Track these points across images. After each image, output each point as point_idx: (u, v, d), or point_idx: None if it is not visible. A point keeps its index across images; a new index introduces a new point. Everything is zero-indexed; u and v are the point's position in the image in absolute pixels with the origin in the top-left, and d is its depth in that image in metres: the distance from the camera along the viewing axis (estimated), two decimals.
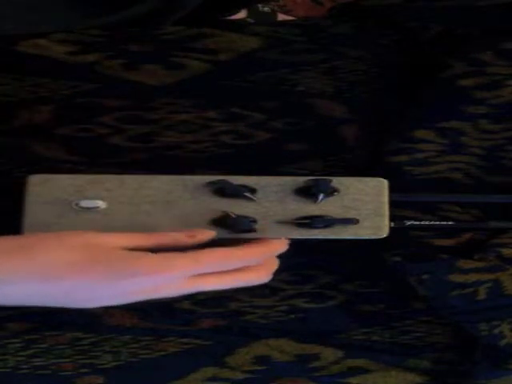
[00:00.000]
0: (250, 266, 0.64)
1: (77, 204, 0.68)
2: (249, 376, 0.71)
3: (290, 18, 1.29)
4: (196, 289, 0.62)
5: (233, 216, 0.68)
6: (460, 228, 0.72)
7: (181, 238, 0.63)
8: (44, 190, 0.68)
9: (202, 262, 0.61)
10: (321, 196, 0.69)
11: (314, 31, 0.79)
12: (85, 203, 0.68)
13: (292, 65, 0.76)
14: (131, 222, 0.68)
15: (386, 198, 0.70)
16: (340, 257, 0.72)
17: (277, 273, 0.71)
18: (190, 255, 0.61)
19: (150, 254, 0.61)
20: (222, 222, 0.68)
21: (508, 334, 0.70)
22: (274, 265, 0.66)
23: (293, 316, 0.72)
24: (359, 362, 0.72)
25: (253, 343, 0.72)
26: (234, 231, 0.67)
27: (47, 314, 0.70)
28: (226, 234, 0.68)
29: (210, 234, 0.65)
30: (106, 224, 0.68)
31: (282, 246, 0.66)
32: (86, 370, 0.71)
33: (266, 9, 1.27)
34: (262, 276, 0.65)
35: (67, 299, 0.60)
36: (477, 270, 0.69)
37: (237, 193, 0.69)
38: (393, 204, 0.70)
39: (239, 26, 0.79)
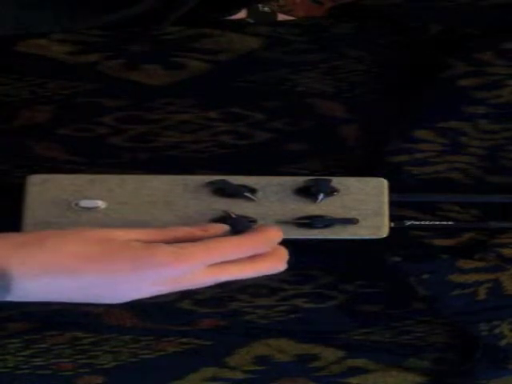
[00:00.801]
0: (264, 255, 0.63)
1: (77, 204, 0.68)
2: (249, 376, 0.71)
3: (290, 17, 1.29)
4: (218, 279, 0.62)
5: (233, 216, 0.68)
6: (460, 228, 0.72)
7: (193, 231, 0.63)
8: (44, 189, 0.68)
9: (215, 249, 0.61)
10: (321, 196, 0.69)
11: (314, 31, 0.79)
12: (85, 203, 0.68)
13: (292, 65, 0.76)
14: (131, 221, 0.68)
15: (386, 198, 0.70)
16: (340, 257, 0.72)
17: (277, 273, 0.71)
18: (203, 243, 0.61)
19: (165, 245, 0.60)
20: (221, 222, 0.68)
21: (508, 333, 0.70)
22: (284, 253, 0.65)
23: (293, 316, 0.72)
24: (359, 362, 0.72)
25: (253, 343, 0.72)
26: (233, 231, 0.67)
27: (47, 313, 0.70)
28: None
29: (222, 228, 0.65)
30: (105, 224, 0.68)
31: (279, 234, 0.65)
32: (85, 370, 0.71)
33: (266, 9, 1.27)
34: (278, 263, 0.64)
35: (87, 294, 0.60)
36: (477, 270, 0.69)
37: (237, 193, 0.69)
38: (393, 204, 0.70)
39: (239, 26, 0.79)
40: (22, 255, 0.57)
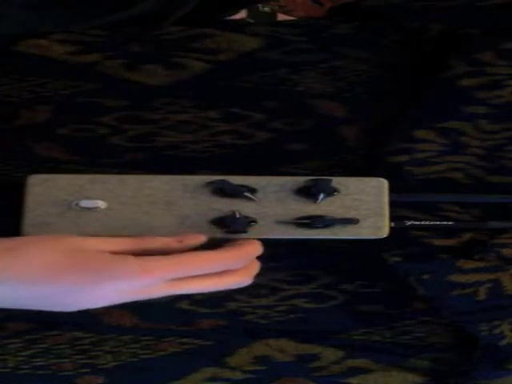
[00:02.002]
0: (232, 269, 0.64)
1: (77, 204, 0.68)
2: (249, 376, 0.71)
3: (290, 18, 1.29)
4: (176, 292, 0.62)
5: (237, 216, 0.68)
6: (460, 228, 0.71)
7: (169, 243, 0.63)
8: (44, 189, 0.68)
9: (184, 266, 0.61)
10: (321, 196, 0.69)
11: (314, 31, 0.79)
12: (85, 203, 0.68)
13: (292, 65, 0.76)
14: (131, 221, 0.68)
15: (386, 198, 0.70)
16: (340, 257, 0.72)
17: (277, 273, 0.71)
18: (172, 259, 0.61)
19: (131, 257, 0.60)
20: (221, 222, 0.68)
21: (508, 334, 0.70)
22: (256, 267, 0.65)
23: (293, 316, 0.72)
24: (359, 362, 0.72)
25: (253, 343, 0.72)
26: (233, 231, 0.67)
27: (47, 313, 0.69)
28: (225, 235, 0.68)
29: (199, 239, 0.64)
30: (106, 224, 0.68)
31: (258, 248, 0.65)
32: (86, 370, 0.71)
33: (266, 9, 1.27)
34: (243, 279, 0.64)
35: (48, 302, 0.60)
36: (477, 270, 0.69)
37: (237, 193, 0.69)
38: (393, 204, 0.70)
39: (239, 26, 0.79)
40: None
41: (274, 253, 0.71)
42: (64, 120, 0.74)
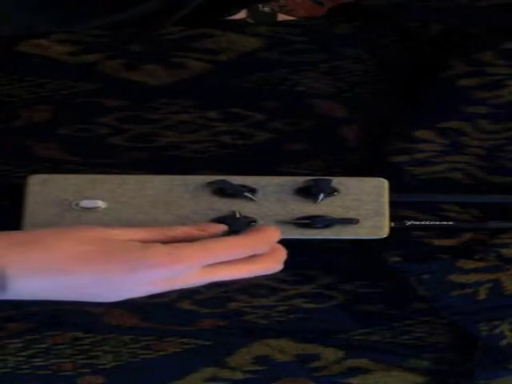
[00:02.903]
0: (261, 256, 0.63)
1: (77, 204, 0.68)
2: (249, 376, 0.71)
3: (290, 18, 1.29)
4: (212, 279, 0.62)
5: (237, 216, 0.68)
6: (460, 228, 0.71)
7: (191, 231, 0.63)
8: (44, 189, 0.68)
9: (214, 251, 0.61)
10: (321, 196, 0.69)
11: (314, 31, 0.79)
12: (85, 203, 0.68)
13: (292, 65, 0.76)
14: (131, 221, 0.68)
15: (386, 198, 0.70)
16: (340, 257, 0.72)
17: (277, 273, 0.71)
18: (199, 244, 0.61)
19: (162, 245, 0.60)
20: (221, 222, 0.68)
21: (508, 334, 0.70)
22: (282, 253, 0.65)
23: (293, 316, 0.72)
24: (359, 362, 0.72)
25: (253, 343, 0.71)
26: (233, 231, 0.67)
27: (47, 313, 0.70)
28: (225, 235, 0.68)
29: (220, 228, 0.65)
30: (106, 224, 0.68)
31: (277, 232, 0.65)
32: (86, 370, 0.71)
33: (266, 9, 1.27)
34: (274, 264, 0.64)
35: (83, 293, 0.60)
36: (477, 270, 0.69)
37: (237, 193, 0.69)
38: (393, 204, 0.70)
39: (239, 26, 0.79)
40: (18, 254, 0.57)
41: None
42: (64, 120, 0.74)
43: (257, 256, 0.63)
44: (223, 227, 0.65)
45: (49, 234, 0.60)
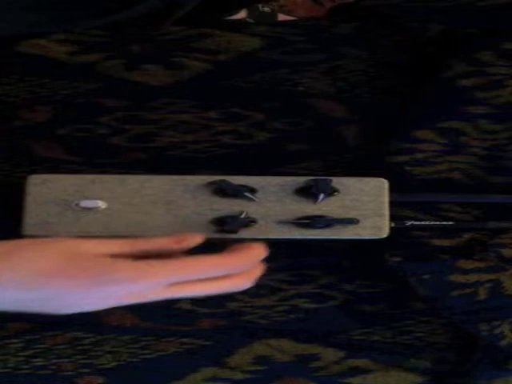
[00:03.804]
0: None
1: (77, 204, 0.68)
2: (249, 376, 0.71)
3: (290, 18, 1.29)
4: (175, 296, 0.61)
5: (243, 215, 0.68)
6: (460, 228, 0.71)
7: (167, 243, 0.62)
8: (44, 189, 0.68)
9: (182, 271, 0.60)
10: (321, 196, 0.69)
11: (314, 31, 0.79)
12: (85, 203, 0.68)
13: (292, 65, 0.76)
14: (131, 221, 0.68)
15: (386, 198, 0.70)
16: (340, 257, 0.72)
17: (277, 273, 0.71)
18: (172, 263, 0.60)
19: (128, 261, 0.59)
20: (221, 222, 0.68)
21: (508, 334, 0.70)
22: (258, 270, 0.64)
23: (293, 316, 0.72)
24: (359, 362, 0.72)
25: (253, 343, 0.71)
26: (232, 231, 0.67)
27: (47, 313, 0.70)
28: (225, 235, 0.68)
29: (197, 239, 0.63)
30: (106, 224, 0.68)
31: (262, 252, 0.64)
32: (86, 370, 0.71)
33: (266, 9, 1.27)
34: (243, 283, 0.63)
35: (44, 306, 0.60)
36: (477, 270, 0.69)
37: (237, 193, 0.69)
38: (393, 204, 0.70)
39: (239, 26, 0.79)
40: None
41: (274, 253, 0.71)
42: (64, 120, 0.74)
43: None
44: (200, 238, 0.63)
45: (21, 246, 0.60)
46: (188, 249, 0.63)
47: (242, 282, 0.63)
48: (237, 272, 0.62)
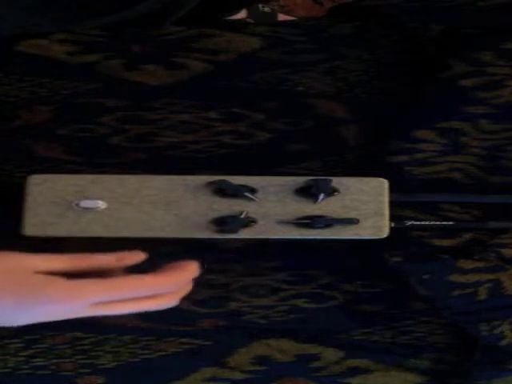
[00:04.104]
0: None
1: (77, 204, 0.68)
2: (249, 376, 0.71)
3: (290, 18, 1.29)
4: (99, 313, 0.62)
5: (243, 215, 0.68)
6: (460, 228, 0.71)
7: (108, 261, 0.62)
8: (44, 190, 0.68)
9: (112, 291, 0.60)
10: (321, 196, 0.69)
11: (315, 31, 0.79)
12: (85, 203, 0.68)
13: (292, 65, 0.76)
14: (131, 221, 0.68)
15: (386, 198, 0.70)
16: (340, 257, 0.72)
17: (277, 273, 0.71)
18: (103, 284, 0.60)
19: (61, 279, 0.60)
20: (221, 222, 0.68)
21: (508, 334, 0.70)
22: (188, 289, 0.65)
23: (293, 316, 0.72)
24: (359, 362, 0.72)
25: (253, 343, 0.72)
26: (232, 231, 0.67)
27: None
28: (225, 235, 0.68)
29: (138, 257, 0.63)
30: (106, 224, 0.68)
31: (195, 271, 0.64)
32: (86, 370, 0.71)
33: (266, 9, 1.27)
34: (170, 301, 0.63)
35: None
36: (477, 270, 0.69)
37: (237, 193, 0.69)
38: (393, 204, 0.70)
39: (239, 26, 0.79)
40: None
41: (274, 253, 0.71)
42: (64, 120, 0.74)
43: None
44: (142, 256, 0.63)
45: None
46: (129, 266, 0.63)
47: (168, 302, 0.63)
48: (165, 292, 0.63)
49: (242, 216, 0.68)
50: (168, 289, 0.63)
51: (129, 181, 0.69)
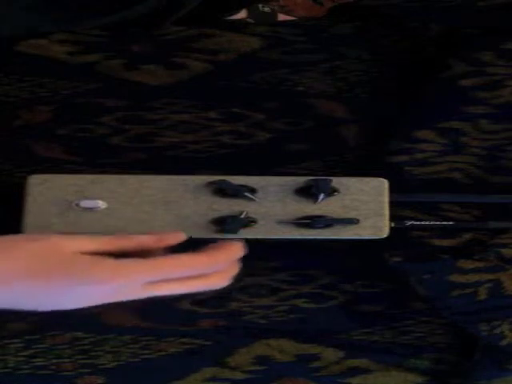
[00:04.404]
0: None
1: (77, 204, 0.68)
2: (249, 376, 0.71)
3: (290, 18, 1.29)
4: (151, 294, 0.61)
5: (243, 216, 0.68)
6: (460, 228, 0.71)
7: (148, 242, 0.62)
8: (44, 190, 0.68)
9: (160, 270, 0.60)
10: (321, 196, 0.69)
11: (315, 31, 0.79)
12: (85, 203, 0.68)
13: (292, 65, 0.76)
14: (131, 221, 0.68)
15: (386, 198, 0.70)
16: (340, 257, 0.72)
17: (277, 273, 0.71)
18: (150, 263, 0.60)
19: (108, 259, 0.59)
20: (221, 222, 0.68)
21: (508, 334, 0.70)
22: (236, 269, 0.64)
23: (293, 316, 0.72)
24: (359, 362, 0.72)
25: (253, 343, 0.71)
26: (232, 231, 0.67)
27: (47, 314, 0.69)
28: (224, 235, 0.68)
29: (179, 237, 0.63)
30: (106, 224, 0.68)
31: (239, 251, 0.64)
32: (86, 370, 0.71)
33: (266, 9, 1.27)
34: (218, 281, 0.63)
35: (18, 304, 0.60)
36: (477, 270, 0.69)
37: (237, 193, 0.69)
38: (393, 204, 0.70)
39: (239, 26, 0.79)
40: None
41: (274, 253, 0.71)
42: (64, 120, 0.74)
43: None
44: (182, 236, 0.63)
45: (4, 243, 0.59)
46: (169, 247, 0.63)
47: (218, 282, 0.63)
48: (213, 271, 0.62)
49: (242, 216, 0.68)
50: (213, 268, 0.62)
51: (129, 181, 0.69)
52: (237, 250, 0.64)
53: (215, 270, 0.63)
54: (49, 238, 0.60)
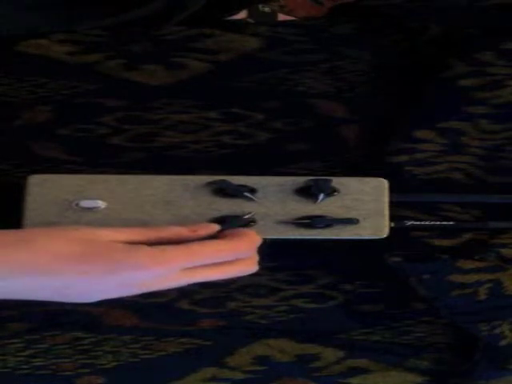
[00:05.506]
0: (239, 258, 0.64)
1: (77, 204, 0.68)
2: (249, 376, 0.71)
3: (290, 18, 1.29)
4: (189, 281, 0.63)
5: (245, 216, 0.68)
6: (460, 228, 0.71)
7: (181, 232, 0.64)
8: (44, 190, 0.68)
9: (197, 255, 0.62)
10: (321, 196, 0.69)
11: (315, 31, 0.79)
12: (85, 203, 0.68)
13: (292, 65, 0.76)
14: (131, 221, 0.68)
15: (386, 198, 0.70)
16: (340, 257, 0.72)
17: (277, 273, 0.71)
18: (184, 247, 0.62)
19: (144, 247, 0.61)
20: (221, 222, 0.68)
21: (508, 334, 0.70)
22: (257, 256, 0.66)
23: (293, 316, 0.72)
24: (359, 362, 0.72)
25: (253, 343, 0.72)
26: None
27: (47, 314, 0.70)
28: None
29: (212, 228, 0.65)
30: (105, 224, 0.68)
31: (257, 239, 0.66)
32: (86, 370, 0.71)
33: (266, 9, 1.27)
34: (251, 266, 0.65)
35: (65, 293, 0.60)
36: (477, 270, 0.69)
37: (237, 193, 0.69)
38: (393, 204, 0.70)
39: (239, 26, 0.79)
40: (4, 256, 0.58)
41: (274, 253, 0.71)
42: (64, 120, 0.74)
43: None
44: (216, 227, 0.65)
45: (38, 234, 0.61)
46: (201, 238, 0.64)
47: (249, 267, 0.65)
48: (246, 256, 0.64)
49: (246, 217, 0.68)
50: (247, 253, 0.64)
51: (129, 181, 0.69)
52: (254, 238, 0.66)
53: (247, 255, 0.64)
54: (77, 228, 0.62)
